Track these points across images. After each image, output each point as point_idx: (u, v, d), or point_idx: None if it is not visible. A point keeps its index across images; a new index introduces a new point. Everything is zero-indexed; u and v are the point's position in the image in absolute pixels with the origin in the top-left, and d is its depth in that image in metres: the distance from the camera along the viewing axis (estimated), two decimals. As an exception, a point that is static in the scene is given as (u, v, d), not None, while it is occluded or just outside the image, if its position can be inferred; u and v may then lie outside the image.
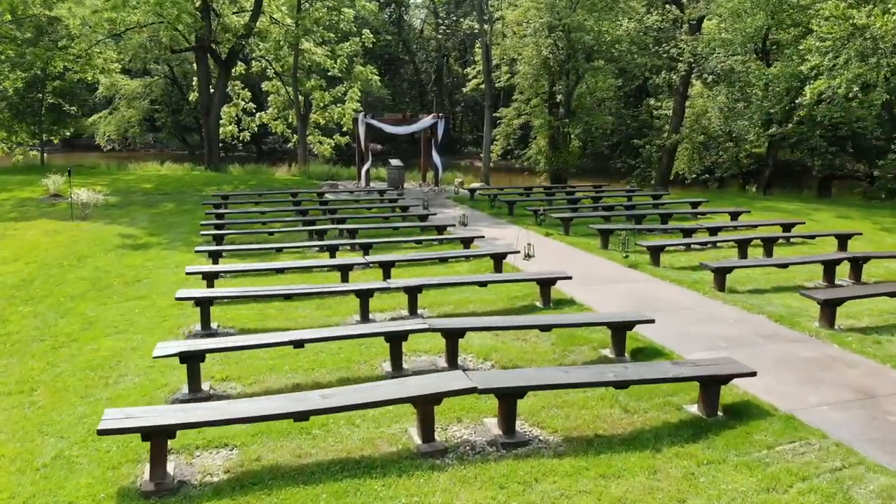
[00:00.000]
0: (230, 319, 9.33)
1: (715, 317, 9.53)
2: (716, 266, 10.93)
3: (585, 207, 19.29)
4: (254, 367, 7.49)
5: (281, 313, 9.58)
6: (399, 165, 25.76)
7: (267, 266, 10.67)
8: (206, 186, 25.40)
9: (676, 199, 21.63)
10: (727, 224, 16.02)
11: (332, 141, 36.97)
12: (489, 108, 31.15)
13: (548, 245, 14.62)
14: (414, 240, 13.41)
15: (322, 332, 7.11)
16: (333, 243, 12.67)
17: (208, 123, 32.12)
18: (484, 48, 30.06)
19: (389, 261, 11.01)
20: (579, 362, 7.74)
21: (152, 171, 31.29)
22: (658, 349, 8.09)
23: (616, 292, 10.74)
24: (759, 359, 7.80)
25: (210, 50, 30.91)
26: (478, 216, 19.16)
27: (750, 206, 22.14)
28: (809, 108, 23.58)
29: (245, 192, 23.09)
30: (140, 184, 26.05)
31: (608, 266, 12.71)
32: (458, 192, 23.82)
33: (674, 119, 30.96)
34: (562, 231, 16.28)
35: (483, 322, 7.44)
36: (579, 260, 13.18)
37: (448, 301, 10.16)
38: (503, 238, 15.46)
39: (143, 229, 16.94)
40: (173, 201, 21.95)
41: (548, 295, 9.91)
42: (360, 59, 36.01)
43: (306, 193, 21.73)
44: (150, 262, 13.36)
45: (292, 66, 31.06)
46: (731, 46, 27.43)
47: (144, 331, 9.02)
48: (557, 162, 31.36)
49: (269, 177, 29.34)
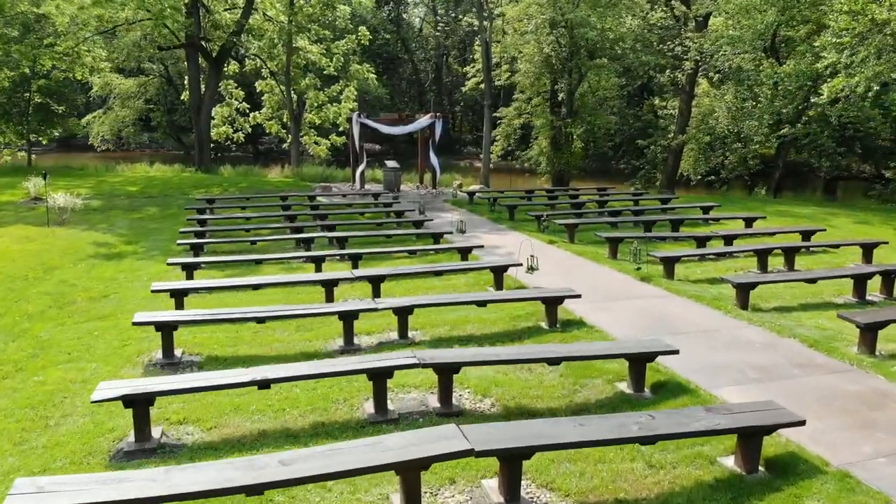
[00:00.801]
0: (198, 344, 8.32)
1: (741, 341, 8.52)
2: (739, 281, 9.91)
3: (591, 212, 18.26)
4: (216, 407, 6.47)
5: (256, 336, 8.56)
6: (395, 167, 24.74)
7: (244, 282, 9.66)
8: (194, 189, 24.38)
9: (686, 203, 20.59)
10: (742, 231, 14.99)
11: (329, 141, 35.90)
12: (489, 107, 30.11)
13: (552, 255, 13.61)
14: (407, 250, 12.39)
15: (293, 368, 6.09)
16: (319, 254, 11.65)
17: (199, 123, 31.07)
18: (484, 45, 29.02)
19: (379, 275, 10.00)
20: (592, 400, 6.72)
21: (141, 172, 30.27)
22: (682, 384, 7.07)
23: (629, 311, 9.72)
24: (798, 395, 6.80)
25: (200, 47, 29.86)
26: (476, 221, 18.15)
27: (762, 210, 21.13)
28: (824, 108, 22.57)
29: (233, 195, 22.06)
30: (126, 186, 25.04)
31: (619, 279, 11.69)
32: (456, 195, 22.80)
33: (680, 119, 29.92)
34: (566, 238, 15.26)
35: (482, 355, 6.42)
36: (587, 272, 12.17)
37: (443, 321, 9.15)
38: (504, 246, 14.45)
39: (121, 236, 15.93)
40: (157, 205, 20.94)
41: (554, 315, 8.90)
42: (356, 58, 34.95)
43: (297, 197, 20.71)
44: (122, 273, 12.35)
45: (285, 63, 30.01)
46: (739, 44, 26.38)
47: (100, 358, 8.02)
48: (560, 163, 30.29)
49: (261, 178, 28.30)
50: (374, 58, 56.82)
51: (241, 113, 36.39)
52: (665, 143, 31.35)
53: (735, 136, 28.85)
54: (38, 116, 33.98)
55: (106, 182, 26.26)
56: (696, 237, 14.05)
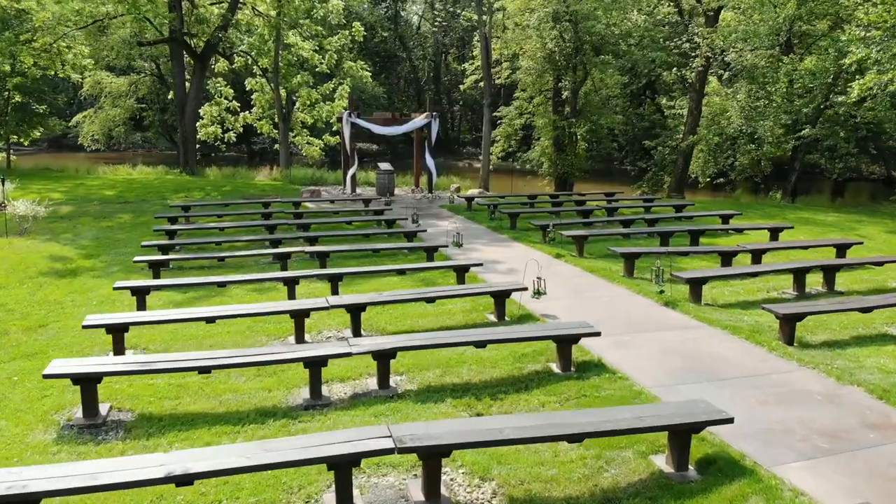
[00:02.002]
0: (133, 396, 6.80)
1: (797, 391, 6.99)
2: (785, 313, 8.38)
3: (599, 221, 16.70)
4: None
5: (205, 385, 7.04)
6: (389, 170, 23.21)
7: (197, 314, 8.11)
8: (175, 193, 22.85)
9: (703, 210, 19.04)
10: (771, 245, 13.46)
11: (322, 142, 34.30)
12: (488, 106, 28.57)
13: (559, 271, 12.08)
14: (396, 269, 10.86)
15: (233, 454, 4.56)
16: (294, 275, 10.10)
17: (184, 123, 29.52)
18: (483, 41, 27.47)
19: (360, 304, 8.48)
20: (623, 484, 5.20)
21: (123, 175, 28.73)
22: (735, 459, 5.54)
23: (656, 347, 8.19)
24: (885, 478, 5.28)
25: (184, 43, 28.30)
26: (475, 230, 16.62)
27: (782, 217, 19.64)
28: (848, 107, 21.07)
29: (212, 200, 20.51)
30: (102, 190, 23.49)
31: (639, 304, 10.16)
32: (453, 200, 21.23)
33: (690, 119, 28.35)
34: (574, 251, 13.73)
35: (481, 432, 4.88)
36: (601, 295, 10.63)
37: (434, 361, 7.63)
38: (505, 261, 12.92)
39: (82, 249, 14.39)
40: (131, 211, 19.39)
41: (568, 356, 7.38)
42: (349, 55, 33.39)
43: (280, 203, 19.16)
44: (71, 296, 10.83)
45: (273, 59, 28.47)
46: (754, 38, 24.84)
47: (10, 415, 6.50)
48: (563, 165, 28.72)
49: (248, 181, 26.75)
50: (371, 56, 55.33)
51: (230, 112, 34.81)
52: (673, 143, 29.85)
53: (748, 136, 27.33)
54: (16, 116, 32.43)
55: (83, 185, 24.74)
56: (720, 252, 12.51)
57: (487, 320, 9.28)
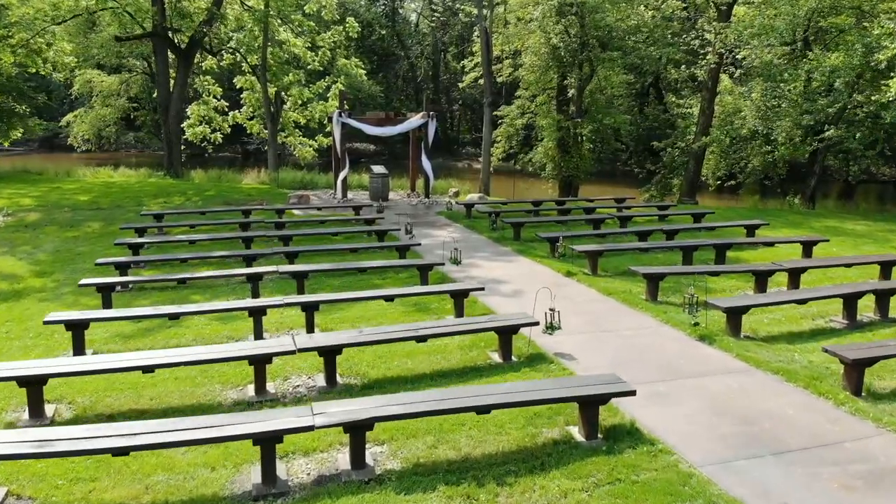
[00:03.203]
0: (38, 475, 5.28)
1: (880, 469, 5.48)
2: (854, 358, 6.87)
3: (613, 233, 15.10)
4: None
5: (131, 462, 5.51)
6: (382, 173, 21.69)
7: (133, 361, 6.58)
8: (153, 199, 21.32)
9: (724, 219, 17.51)
10: (808, 263, 11.91)
11: (315, 142, 32.73)
12: (489, 105, 27.03)
13: (572, 294, 10.56)
14: (384, 295, 9.32)
15: None
16: (261, 304, 8.55)
17: (167, 123, 27.97)
18: (483, 35, 25.92)
19: (334, 346, 6.96)
20: None
21: (103, 177, 27.19)
22: None
23: (700, 402, 6.66)
24: None
25: (166, 38, 26.73)
26: (475, 242, 15.10)
27: (808, 226, 18.15)
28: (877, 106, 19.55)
29: (190, 208, 18.95)
30: (77, 195, 21.93)
31: (669, 338, 8.63)
32: (451, 206, 19.68)
33: (702, 119, 26.79)
34: (587, 268, 12.20)
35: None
36: (625, 327, 9.10)
37: (425, 427, 6.08)
38: (509, 281, 11.41)
39: (36, 265, 12.87)
40: (103, 220, 17.87)
41: (594, 420, 5.87)
42: (342, 52, 31.81)
43: (263, 212, 17.63)
44: (8, 325, 9.35)
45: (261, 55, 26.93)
46: (771, 34, 23.31)
47: None
48: (568, 168, 27.19)
49: (233, 185, 25.18)
50: (368, 54, 53.73)
51: (218, 111, 33.22)
52: (682, 144, 28.32)
53: (764, 137, 25.80)
54: (-6, 116, 30.86)
55: (58, 190, 23.19)
56: (755, 271, 10.99)
57: (490, 361, 7.77)
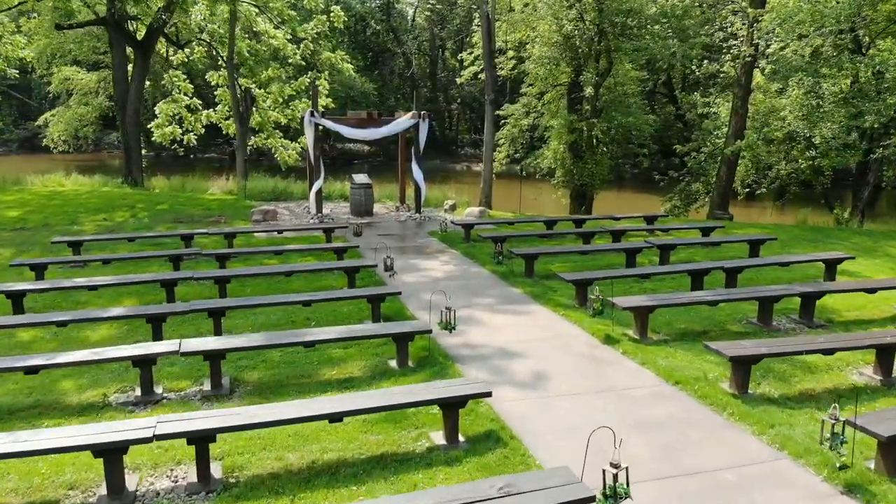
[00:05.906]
0: None
1: None
2: None
3: (656, 273, 11.23)
4: None
5: None
6: (365, 183, 18.23)
7: None
8: (93, 214, 17.84)
9: (789, 251, 13.98)
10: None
11: (298, 145, 29.21)
12: (490, 104, 23.52)
13: (623, 384, 7.09)
14: (329, 414, 5.79)
15: None
16: (119, 443, 5.09)
17: (125, 123, 24.49)
18: (485, 22, 22.41)
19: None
20: None
21: (52, 185, 23.68)
22: None
23: None
24: None
25: (118, 26, 23.22)
26: (476, 280, 11.62)
27: (884, 252, 14.73)
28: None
29: (120, 232, 15.33)
30: (7, 210, 18.43)
31: (806, 486, 5.17)
32: (446, 227, 16.14)
33: (734, 120, 23.28)
34: (633, 328, 8.74)
35: None
36: (719, 463, 5.64)
37: None
38: (526, 354, 7.94)
39: None
40: (18, 245, 14.37)
41: None
42: (326, 44, 28.26)
43: (207, 237, 14.08)
44: None
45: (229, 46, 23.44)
46: (820, 21, 19.84)
47: None
48: (582, 175, 23.70)
49: (195, 196, 21.65)
50: (361, 50, 50.21)
51: (191, 110, 29.66)
52: (710, 148, 24.88)
53: (807, 141, 22.34)
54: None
55: (-6, 202, 19.69)
56: (877, 346, 7.52)
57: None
